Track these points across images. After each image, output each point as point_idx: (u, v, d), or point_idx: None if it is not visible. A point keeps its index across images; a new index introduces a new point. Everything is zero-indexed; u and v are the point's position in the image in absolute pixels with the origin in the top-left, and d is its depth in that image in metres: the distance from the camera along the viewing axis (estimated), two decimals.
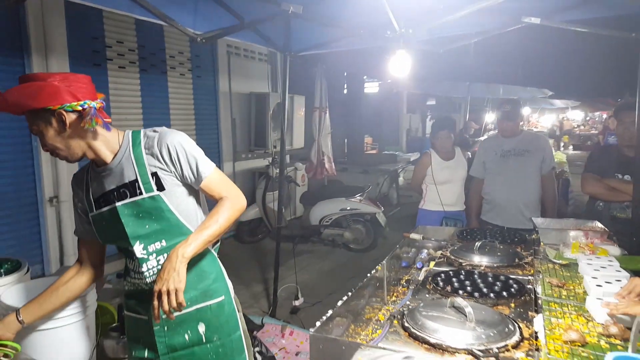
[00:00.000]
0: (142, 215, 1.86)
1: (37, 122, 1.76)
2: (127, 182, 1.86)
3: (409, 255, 3.00)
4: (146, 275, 1.89)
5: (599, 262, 2.32)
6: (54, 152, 1.82)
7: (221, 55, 7.73)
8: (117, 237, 1.88)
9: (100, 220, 1.90)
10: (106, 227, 1.89)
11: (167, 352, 1.93)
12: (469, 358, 1.68)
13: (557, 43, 6.44)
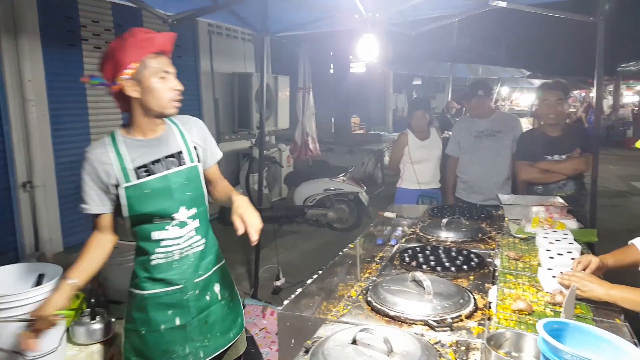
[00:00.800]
0: (186, 183, 2.03)
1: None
2: (173, 152, 2.02)
3: (384, 233, 3.09)
4: (184, 239, 2.05)
5: (555, 236, 2.42)
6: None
7: (202, 34, 7.66)
8: (161, 205, 1.98)
9: (141, 189, 1.95)
10: (149, 195, 1.96)
11: (196, 315, 2.09)
12: (425, 328, 1.78)
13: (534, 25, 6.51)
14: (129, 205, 1.96)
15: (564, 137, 3.58)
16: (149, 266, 2.03)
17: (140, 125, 2.00)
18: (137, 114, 1.98)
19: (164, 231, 2.01)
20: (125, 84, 1.89)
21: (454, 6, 3.78)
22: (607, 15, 3.02)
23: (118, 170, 1.94)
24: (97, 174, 1.95)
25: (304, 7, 3.85)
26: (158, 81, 1.93)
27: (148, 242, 2.03)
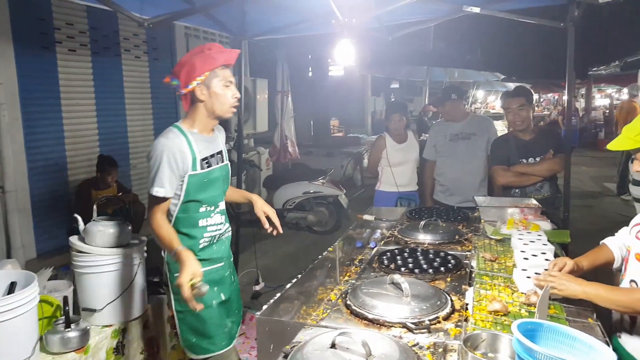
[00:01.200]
0: (225, 177, 2.46)
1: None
2: (219, 150, 2.42)
3: (363, 235, 3.11)
4: (222, 225, 2.45)
5: (529, 237, 2.47)
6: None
7: (179, 37, 7.59)
8: (211, 193, 2.35)
9: (202, 179, 2.29)
10: (206, 184, 2.31)
11: (230, 292, 2.51)
12: (403, 330, 1.79)
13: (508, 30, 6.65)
14: (187, 191, 2.27)
15: (536, 140, 3.66)
16: (197, 249, 2.34)
17: (202, 123, 2.32)
18: (201, 114, 2.30)
19: (209, 218, 2.37)
20: (197, 88, 2.22)
21: (429, 12, 3.85)
22: (577, 21, 3.10)
23: (190, 160, 2.24)
24: (177, 161, 2.21)
25: (282, 11, 3.86)
26: (223, 88, 2.26)
27: (195, 229, 2.34)
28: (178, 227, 2.31)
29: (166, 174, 2.19)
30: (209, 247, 2.40)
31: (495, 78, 11.06)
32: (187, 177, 2.24)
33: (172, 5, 3.53)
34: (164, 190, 2.20)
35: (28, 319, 2.10)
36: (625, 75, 14.99)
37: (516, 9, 3.50)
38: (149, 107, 7.14)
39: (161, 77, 7.36)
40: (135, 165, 6.94)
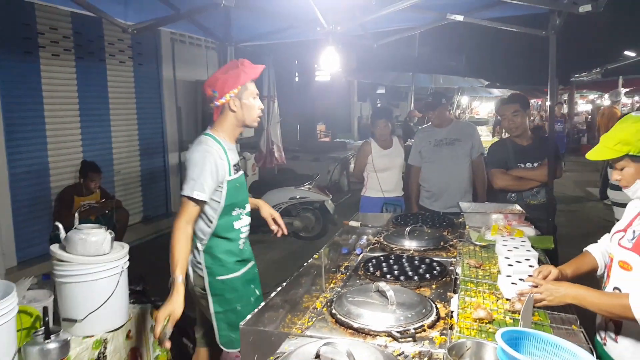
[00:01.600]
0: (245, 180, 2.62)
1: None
2: (238, 159, 2.58)
3: (349, 242, 3.10)
4: (249, 224, 2.62)
5: (513, 243, 2.48)
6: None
7: (165, 42, 7.56)
8: (241, 196, 2.54)
9: (236, 183, 2.48)
10: (238, 188, 2.50)
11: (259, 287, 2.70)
12: (388, 339, 1.78)
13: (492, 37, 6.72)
14: (228, 195, 2.43)
15: (533, 146, 3.70)
16: (237, 250, 2.53)
17: (231, 132, 2.50)
18: (231, 124, 2.47)
19: (240, 220, 2.54)
20: (230, 100, 2.40)
21: (413, 19, 3.88)
22: (558, 29, 3.14)
23: (226, 166, 2.41)
24: (217, 168, 2.36)
25: (267, 18, 3.85)
26: (252, 100, 2.45)
27: (232, 232, 2.50)
28: (219, 232, 2.46)
29: (208, 180, 2.33)
30: (246, 248, 2.62)
31: (480, 84, 11.18)
32: (225, 182, 2.41)
33: (157, 12, 3.50)
34: (205, 195, 2.33)
35: (6, 331, 2.05)
36: (606, 82, 15.26)
37: (499, 17, 3.55)
38: (133, 112, 7.08)
39: (146, 82, 7.34)
40: (119, 171, 6.87)
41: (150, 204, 7.52)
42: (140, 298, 3.13)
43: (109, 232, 2.73)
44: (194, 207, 2.34)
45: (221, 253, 2.48)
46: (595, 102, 23.77)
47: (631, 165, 1.80)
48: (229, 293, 2.49)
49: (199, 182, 2.30)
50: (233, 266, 2.51)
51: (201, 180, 2.31)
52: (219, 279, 2.46)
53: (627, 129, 1.80)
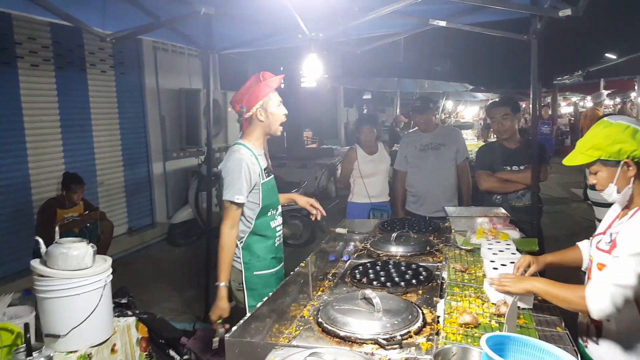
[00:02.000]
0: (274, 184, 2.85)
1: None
2: (267, 164, 2.82)
3: (336, 249, 3.08)
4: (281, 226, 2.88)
5: (498, 246, 2.49)
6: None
7: (147, 51, 7.50)
8: (274, 197, 2.79)
9: (269, 185, 2.73)
10: (271, 190, 2.76)
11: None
12: (375, 347, 1.77)
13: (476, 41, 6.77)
14: (264, 196, 2.67)
15: (521, 150, 3.72)
16: (274, 248, 2.77)
17: (259, 139, 2.75)
18: (259, 132, 2.73)
19: (275, 220, 2.79)
20: (257, 112, 2.66)
21: (395, 25, 3.90)
22: (539, 34, 3.17)
23: (259, 170, 2.66)
24: (250, 173, 2.59)
25: (249, 25, 3.84)
26: (277, 109, 2.71)
27: (269, 230, 2.74)
28: (257, 231, 2.71)
29: (244, 184, 2.57)
30: (280, 246, 2.85)
31: (464, 88, 11.26)
32: (260, 185, 2.66)
33: (136, 20, 3.47)
34: (243, 197, 2.57)
35: None
36: (588, 84, 15.48)
37: (481, 22, 3.57)
38: (115, 122, 7.01)
39: (128, 91, 7.26)
40: (102, 182, 6.79)
41: (135, 215, 7.44)
42: (125, 311, 3.07)
43: (91, 246, 2.68)
44: (236, 210, 2.60)
45: (259, 250, 2.72)
46: (578, 104, 24.10)
47: (603, 169, 1.82)
48: (263, 288, 2.66)
49: (237, 186, 2.55)
50: (269, 263, 2.76)
51: (239, 185, 2.55)
52: (255, 274, 2.70)
53: (598, 134, 1.82)
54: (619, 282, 1.64)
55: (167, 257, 6.96)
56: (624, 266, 1.64)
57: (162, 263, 6.64)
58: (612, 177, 1.80)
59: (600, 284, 1.69)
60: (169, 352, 3.15)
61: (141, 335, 2.96)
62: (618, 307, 1.64)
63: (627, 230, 1.72)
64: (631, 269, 1.63)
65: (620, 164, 1.76)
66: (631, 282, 1.62)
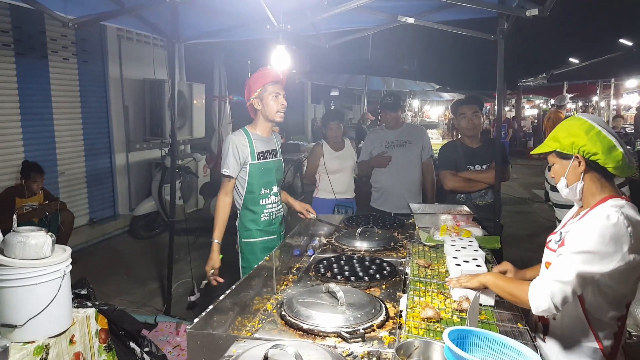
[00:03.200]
0: (278, 168, 3.26)
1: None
2: (274, 148, 3.23)
3: (301, 243, 3.08)
4: (277, 205, 3.24)
5: (461, 243, 2.52)
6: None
7: (111, 39, 7.29)
8: (267, 178, 3.14)
9: (260, 167, 3.09)
10: (262, 171, 3.10)
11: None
12: (338, 340, 1.77)
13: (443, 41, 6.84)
14: (249, 175, 3.07)
15: (483, 149, 3.78)
16: (259, 221, 3.16)
17: (261, 126, 3.15)
18: (260, 119, 3.13)
19: (267, 198, 3.16)
20: (254, 101, 3.06)
21: (364, 21, 3.90)
22: (506, 34, 3.23)
23: (249, 152, 3.05)
24: (237, 151, 3.00)
25: (216, 15, 3.77)
26: (272, 99, 3.05)
27: (257, 206, 3.14)
28: (247, 204, 3.13)
29: (231, 160, 3.00)
30: (268, 222, 3.19)
31: (431, 88, 11.41)
32: (248, 165, 3.05)
33: (99, 6, 3.37)
34: (229, 171, 3.02)
35: None
36: (551, 87, 15.91)
37: (449, 20, 3.61)
38: (78, 111, 6.81)
39: (91, 80, 7.05)
40: (63, 171, 6.58)
41: (97, 206, 7.25)
42: (84, 302, 2.99)
43: (50, 235, 2.60)
44: (228, 182, 3.07)
45: (246, 221, 3.16)
46: (541, 106, 24.77)
47: (558, 162, 1.85)
48: (249, 254, 3.17)
49: (226, 162, 3.02)
50: (254, 233, 3.16)
51: (227, 160, 3.01)
52: (243, 240, 3.18)
53: (561, 126, 1.86)
54: (559, 278, 1.64)
55: (129, 249, 6.81)
56: (566, 263, 1.65)
57: (123, 255, 6.50)
58: (564, 171, 1.82)
59: (541, 280, 1.70)
60: (129, 344, 3.08)
61: (100, 327, 2.90)
62: (556, 304, 1.64)
63: (574, 229, 1.73)
64: (572, 266, 1.63)
65: (572, 158, 1.78)
66: (570, 279, 1.62)
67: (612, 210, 1.67)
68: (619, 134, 12.52)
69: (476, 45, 5.57)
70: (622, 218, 1.64)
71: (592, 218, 1.70)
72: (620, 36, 9.85)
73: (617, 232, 1.62)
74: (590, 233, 1.64)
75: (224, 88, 7.45)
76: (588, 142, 1.73)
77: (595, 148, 1.72)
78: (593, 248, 1.62)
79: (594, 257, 1.62)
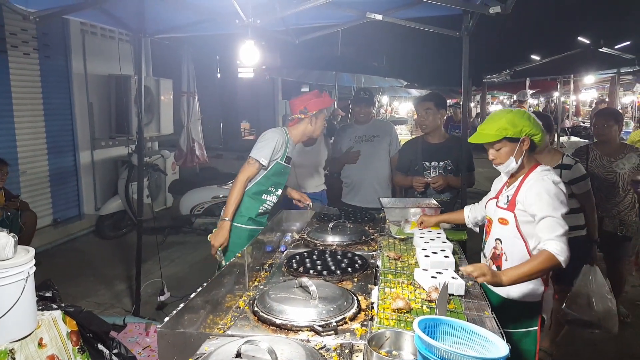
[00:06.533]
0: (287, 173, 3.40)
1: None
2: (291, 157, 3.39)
3: (273, 239, 3.07)
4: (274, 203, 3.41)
5: (430, 235, 2.57)
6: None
7: (74, 33, 7.07)
8: (282, 180, 3.35)
9: (282, 168, 3.29)
10: (282, 173, 3.32)
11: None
12: (311, 334, 1.78)
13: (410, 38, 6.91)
14: (271, 171, 3.23)
15: (444, 145, 3.82)
16: (255, 213, 3.30)
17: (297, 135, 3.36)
18: (301, 131, 3.35)
19: (270, 195, 3.34)
20: (311, 118, 3.29)
21: (334, 17, 3.92)
22: (471, 30, 3.30)
23: (283, 152, 3.25)
24: (277, 149, 3.19)
25: (184, 9, 3.72)
26: (321, 122, 3.36)
27: (259, 198, 3.29)
28: (250, 192, 3.23)
29: (269, 151, 3.15)
30: (262, 215, 3.35)
31: (399, 84, 11.50)
32: (275, 162, 3.22)
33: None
34: (266, 161, 3.15)
35: None
36: (514, 83, 16.25)
37: (416, 17, 3.65)
38: (40, 108, 6.59)
39: (54, 76, 6.83)
40: (25, 170, 6.37)
41: (61, 206, 7.04)
42: (49, 304, 2.92)
43: (12, 236, 2.53)
44: (256, 169, 3.16)
45: (243, 207, 3.24)
46: (505, 102, 25.35)
47: (507, 145, 2.31)
48: (236, 238, 3.18)
49: (266, 152, 3.14)
50: (246, 220, 3.26)
51: (267, 151, 3.14)
52: (234, 224, 3.19)
53: (503, 118, 2.31)
54: (561, 233, 2.14)
55: (95, 249, 6.65)
56: (555, 221, 2.16)
57: (90, 256, 6.34)
58: (512, 151, 2.31)
59: (553, 241, 2.13)
60: (97, 346, 3.02)
61: (71, 329, 2.83)
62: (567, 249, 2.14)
63: (530, 192, 2.26)
64: (560, 220, 2.16)
65: (519, 140, 2.29)
66: (566, 228, 2.16)
67: (548, 174, 2.29)
68: (576, 128, 12.83)
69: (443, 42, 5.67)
70: (557, 179, 2.27)
71: (537, 182, 2.28)
72: (578, 34, 10.15)
73: (560, 188, 2.24)
74: (549, 195, 2.20)
75: (192, 84, 7.34)
76: (533, 127, 2.30)
77: (537, 131, 2.30)
78: (558, 204, 2.19)
79: (561, 209, 2.19)
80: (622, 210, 3.94)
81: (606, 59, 9.35)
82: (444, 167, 3.78)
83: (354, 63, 10.15)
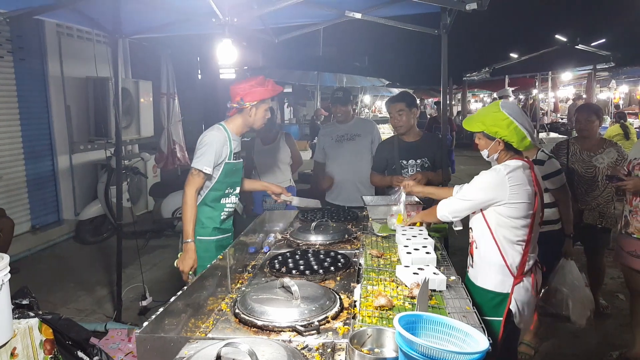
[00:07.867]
0: (241, 169, 3.23)
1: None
2: (239, 150, 3.17)
3: (256, 240, 3.05)
4: (236, 203, 3.23)
5: (412, 232, 2.58)
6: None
7: (50, 35, 6.95)
8: (235, 179, 3.14)
9: (233, 167, 3.07)
10: (234, 171, 3.10)
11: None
12: (293, 334, 1.76)
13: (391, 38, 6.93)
14: (222, 174, 3.02)
15: (420, 143, 3.83)
16: (219, 220, 3.10)
17: (239, 128, 3.10)
18: (242, 123, 3.09)
19: (229, 198, 3.13)
20: (251, 108, 3.02)
21: (313, 16, 3.91)
22: (449, 28, 3.32)
23: (228, 151, 3.02)
24: (221, 149, 2.96)
25: (160, 8, 3.67)
26: (264, 113, 3.09)
27: (218, 204, 3.09)
28: (207, 201, 3.04)
29: (211, 157, 2.91)
30: (227, 220, 3.18)
31: (381, 84, 11.58)
32: (223, 164, 3.00)
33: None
34: (210, 169, 2.92)
35: None
36: (494, 81, 16.45)
37: (395, 15, 3.66)
38: (15, 112, 6.46)
39: (30, 79, 6.69)
40: (1, 176, 6.24)
41: (39, 212, 6.91)
42: (26, 312, 2.85)
43: None
44: (202, 178, 2.96)
45: (204, 218, 3.05)
46: (485, 100, 25.64)
47: (483, 139, 2.46)
48: (203, 252, 2.99)
49: (208, 158, 2.91)
50: (211, 231, 3.07)
51: (209, 157, 2.90)
52: (198, 238, 2.99)
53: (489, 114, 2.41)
54: (458, 203, 2.43)
55: (75, 255, 6.54)
56: (462, 194, 2.44)
57: (70, 262, 6.23)
58: (487, 146, 2.45)
59: (447, 199, 2.50)
60: (77, 353, 2.96)
61: (45, 337, 2.77)
62: (455, 215, 2.47)
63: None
64: (467, 196, 2.41)
65: (494, 140, 2.40)
66: (467, 204, 2.42)
67: (503, 166, 2.36)
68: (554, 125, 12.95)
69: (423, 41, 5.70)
70: (507, 170, 2.33)
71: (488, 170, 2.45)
72: (555, 32, 10.31)
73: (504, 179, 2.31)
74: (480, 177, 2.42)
75: (171, 85, 7.26)
76: (508, 134, 2.34)
77: (512, 138, 2.35)
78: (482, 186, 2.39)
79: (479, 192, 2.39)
80: (601, 202, 4.03)
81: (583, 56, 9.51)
82: (421, 164, 3.79)
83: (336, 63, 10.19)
